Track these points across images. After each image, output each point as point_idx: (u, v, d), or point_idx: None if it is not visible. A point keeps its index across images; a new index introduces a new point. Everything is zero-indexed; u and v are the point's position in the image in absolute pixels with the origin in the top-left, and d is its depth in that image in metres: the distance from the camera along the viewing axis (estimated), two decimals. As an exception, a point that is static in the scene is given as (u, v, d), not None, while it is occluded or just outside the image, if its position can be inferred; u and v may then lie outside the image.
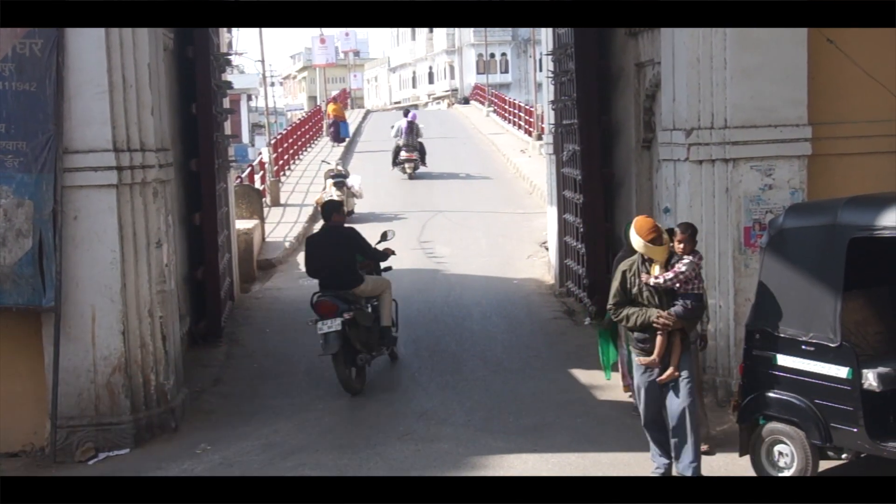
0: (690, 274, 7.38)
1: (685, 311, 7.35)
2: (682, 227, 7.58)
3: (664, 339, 7.35)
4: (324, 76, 69.62)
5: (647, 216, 7.64)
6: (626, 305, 7.47)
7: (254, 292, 15.67)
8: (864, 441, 6.76)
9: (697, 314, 7.60)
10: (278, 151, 28.06)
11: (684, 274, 7.36)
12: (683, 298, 7.38)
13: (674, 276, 7.34)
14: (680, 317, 7.35)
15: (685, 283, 7.38)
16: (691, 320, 7.53)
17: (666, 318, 7.31)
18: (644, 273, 7.42)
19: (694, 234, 7.59)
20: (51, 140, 8.64)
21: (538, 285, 15.47)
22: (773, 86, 9.09)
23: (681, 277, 7.36)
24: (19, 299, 8.72)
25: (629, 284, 7.46)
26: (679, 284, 7.37)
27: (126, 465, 8.58)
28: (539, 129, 29.14)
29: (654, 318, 7.31)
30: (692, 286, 7.43)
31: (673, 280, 7.34)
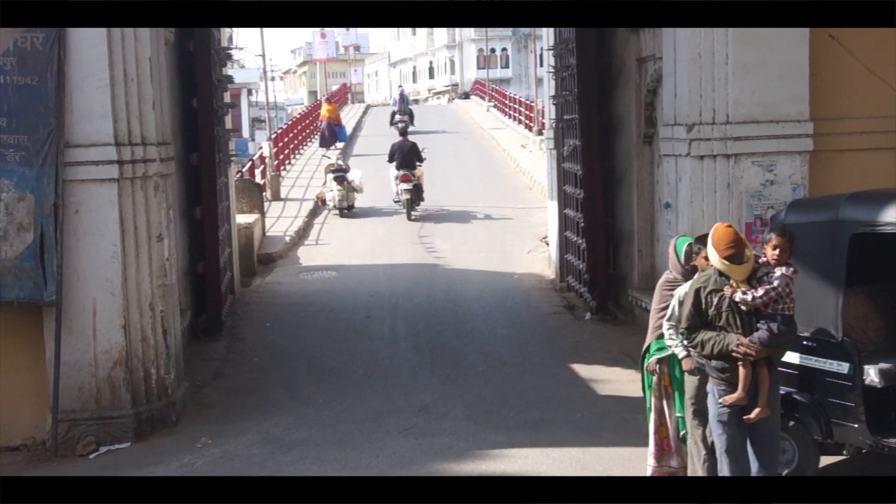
0: (784, 291, 6.18)
1: (771, 336, 6.18)
2: (778, 231, 6.37)
3: (748, 370, 6.20)
4: (324, 71, 69.69)
5: (728, 225, 6.36)
6: (700, 329, 6.32)
7: (254, 286, 15.68)
8: (866, 437, 6.76)
9: (788, 339, 6.40)
10: (279, 146, 28.06)
11: (776, 290, 6.16)
12: (769, 321, 6.20)
13: (764, 293, 6.15)
14: (765, 344, 6.18)
15: (775, 301, 6.20)
16: (780, 348, 6.39)
17: (748, 346, 6.15)
18: (728, 287, 6.24)
19: (792, 241, 6.31)
20: (52, 134, 8.64)
21: (538, 280, 15.48)
22: (775, 81, 9.09)
23: (772, 295, 6.17)
24: (20, 293, 8.72)
25: (705, 305, 6.29)
26: (769, 303, 6.21)
27: (127, 459, 8.59)
28: (539, 125, 29.13)
29: (734, 346, 6.17)
30: (783, 306, 6.22)
31: (764, 298, 6.15)
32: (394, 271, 16.36)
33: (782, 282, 6.16)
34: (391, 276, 15.92)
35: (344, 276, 16.22)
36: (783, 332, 6.22)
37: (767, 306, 6.19)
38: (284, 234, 19.46)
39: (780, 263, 6.22)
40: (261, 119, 52.41)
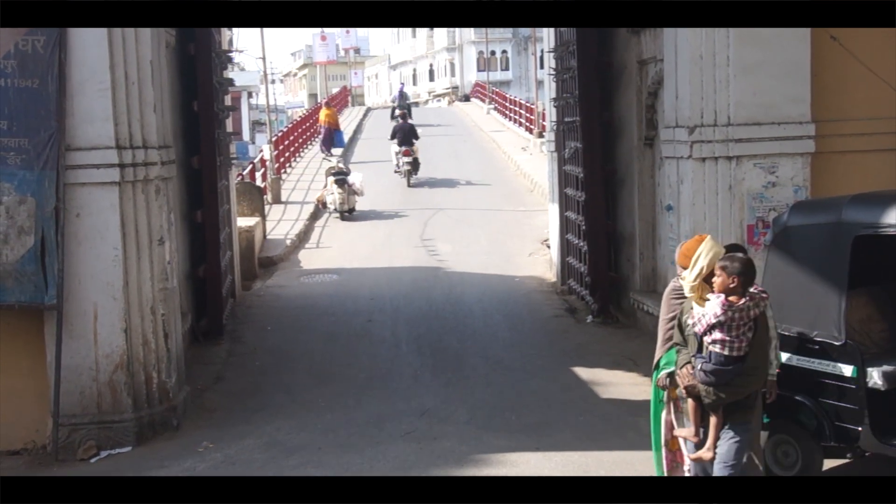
0: (711, 321, 5.68)
1: (699, 374, 5.77)
2: (723, 257, 5.83)
3: (692, 405, 5.88)
4: (324, 73, 69.71)
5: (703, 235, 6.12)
6: (685, 347, 6.02)
7: (255, 290, 15.67)
8: (869, 440, 6.74)
9: (726, 381, 5.72)
10: (279, 149, 28.05)
11: (705, 320, 5.71)
12: (708, 357, 5.76)
13: (697, 319, 5.80)
14: (702, 381, 5.77)
15: (708, 331, 5.73)
16: (718, 388, 5.74)
17: (683, 378, 5.89)
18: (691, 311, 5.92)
19: (728, 267, 5.72)
20: (53, 137, 8.62)
21: (540, 283, 15.46)
22: (776, 83, 9.08)
23: (703, 322, 5.73)
24: (21, 297, 8.70)
25: (683, 322, 6.02)
26: (699, 332, 5.79)
27: (128, 463, 8.56)
28: (540, 127, 29.13)
29: (677, 373, 5.94)
30: (718, 340, 5.68)
31: (698, 326, 5.78)
32: (395, 274, 16.34)
33: (709, 310, 5.66)
34: (392, 280, 15.91)
35: (345, 280, 16.21)
36: (714, 374, 5.70)
37: (704, 335, 5.76)
38: (285, 237, 19.44)
39: (720, 289, 5.69)
40: (261, 122, 52.41)
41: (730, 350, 5.67)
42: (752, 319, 5.70)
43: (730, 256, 5.81)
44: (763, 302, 5.83)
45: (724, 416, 5.75)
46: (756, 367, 5.78)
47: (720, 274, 5.68)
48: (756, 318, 5.73)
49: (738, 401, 5.76)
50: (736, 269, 5.69)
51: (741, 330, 5.68)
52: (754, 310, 5.71)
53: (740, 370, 5.70)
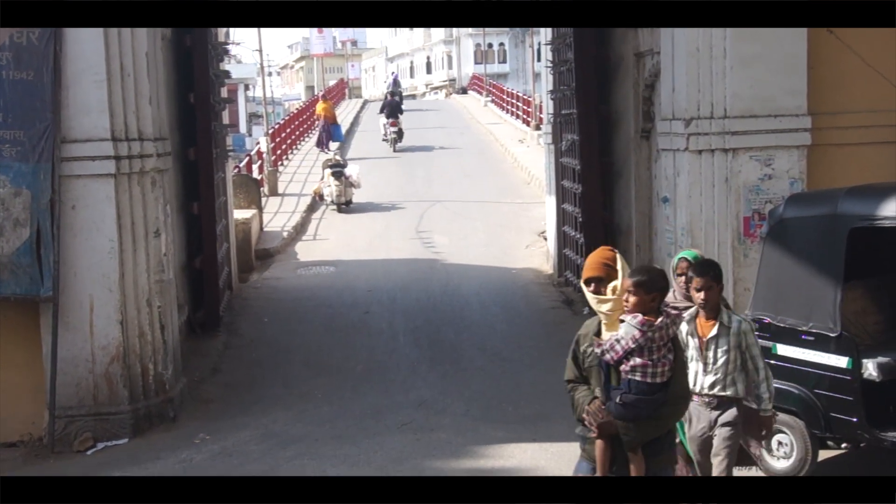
0: (629, 345, 4.82)
1: (617, 408, 4.84)
2: (634, 272, 4.98)
3: (602, 446, 4.91)
4: (321, 66, 69.59)
5: (607, 248, 5.22)
6: (580, 384, 5.05)
7: (252, 282, 15.67)
8: (864, 431, 6.76)
9: (650, 412, 4.84)
10: (276, 141, 28.02)
11: (620, 345, 4.84)
12: (622, 387, 4.88)
13: (609, 346, 4.88)
14: (617, 417, 4.85)
15: (625, 358, 4.85)
16: (640, 422, 4.85)
17: (592, 416, 4.90)
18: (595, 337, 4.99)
19: (646, 283, 4.86)
20: (48, 129, 8.61)
21: (536, 275, 15.47)
22: (773, 75, 9.07)
23: (617, 349, 4.85)
24: (17, 289, 8.71)
25: (581, 354, 5.04)
26: (613, 360, 4.89)
27: (124, 455, 8.58)
28: (537, 119, 29.11)
29: (584, 414, 4.95)
30: (649, 365, 4.84)
31: (610, 354, 4.88)
32: (392, 266, 16.35)
33: (629, 333, 4.83)
34: (389, 272, 15.91)
35: (342, 272, 16.21)
36: (637, 406, 4.84)
37: (620, 364, 4.89)
38: (282, 229, 19.44)
39: (636, 308, 4.86)
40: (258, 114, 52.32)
41: (652, 377, 4.86)
42: (671, 339, 4.94)
43: (643, 269, 5.10)
44: (679, 318, 5.14)
45: (645, 457, 4.89)
46: (683, 394, 5.03)
47: (635, 291, 4.86)
48: (674, 337, 4.99)
49: (658, 437, 4.94)
50: (657, 284, 4.93)
51: (662, 352, 4.89)
52: (672, 328, 4.96)
53: (665, 398, 4.89)
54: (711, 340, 5.93)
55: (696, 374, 5.92)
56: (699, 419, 6.00)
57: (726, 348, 5.90)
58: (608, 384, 4.96)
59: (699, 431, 6.01)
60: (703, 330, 5.96)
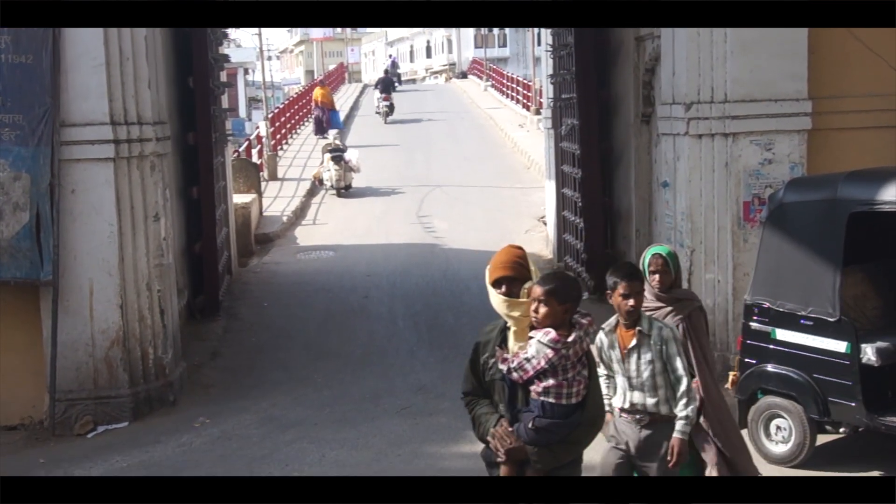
0: (541, 365, 4.34)
1: (529, 432, 4.37)
2: (544, 278, 4.49)
3: (511, 472, 4.45)
4: (321, 50, 69.42)
5: (514, 245, 4.90)
6: (480, 397, 4.57)
7: (251, 266, 15.67)
8: (862, 415, 6.78)
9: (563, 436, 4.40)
10: (275, 125, 27.98)
11: (531, 365, 4.36)
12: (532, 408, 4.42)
13: (517, 364, 4.40)
14: (526, 441, 4.38)
15: (536, 378, 4.38)
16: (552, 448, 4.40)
17: (499, 439, 4.41)
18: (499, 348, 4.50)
19: (559, 291, 4.39)
20: (48, 113, 8.60)
21: (536, 260, 15.45)
22: (774, 60, 9.04)
23: (527, 368, 4.37)
24: (17, 273, 8.71)
25: (481, 364, 4.54)
26: (522, 379, 4.40)
27: (124, 438, 8.60)
28: (537, 104, 29.06)
29: (490, 437, 4.46)
30: (563, 385, 4.38)
31: (518, 372, 4.39)
32: (391, 251, 16.35)
33: (539, 351, 4.34)
34: (389, 256, 15.91)
35: (341, 256, 16.21)
36: (546, 431, 4.36)
37: (530, 383, 4.39)
38: (282, 214, 19.44)
39: (545, 322, 4.37)
40: (257, 98, 52.21)
41: (567, 398, 4.38)
42: (584, 353, 4.46)
43: (555, 276, 4.52)
44: (591, 327, 4.56)
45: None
46: (599, 413, 4.56)
47: (546, 300, 4.36)
48: (587, 351, 4.50)
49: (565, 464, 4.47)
50: (571, 293, 4.43)
51: (576, 370, 4.41)
52: (586, 340, 4.47)
53: (579, 420, 4.41)
54: (632, 351, 5.27)
55: (622, 390, 5.34)
56: (626, 436, 5.35)
57: (649, 359, 5.23)
58: (514, 404, 4.44)
59: (622, 452, 5.36)
60: (623, 341, 5.33)
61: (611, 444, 5.41)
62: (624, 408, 5.34)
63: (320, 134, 29.93)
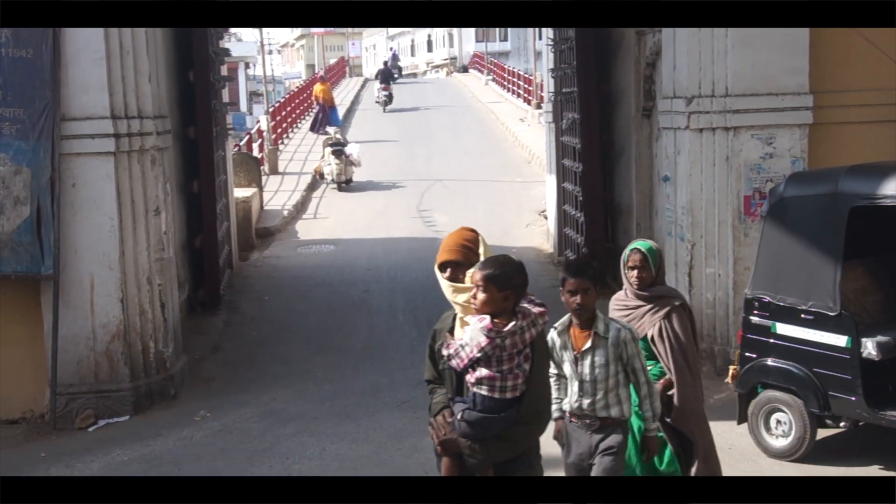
0: (473, 353, 4.16)
1: (461, 425, 4.21)
2: (485, 263, 4.29)
3: (450, 465, 4.28)
4: (322, 44, 69.30)
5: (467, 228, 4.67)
6: (439, 385, 4.44)
7: (252, 260, 15.68)
8: (863, 410, 6.78)
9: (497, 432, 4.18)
10: (276, 120, 27.95)
11: (465, 352, 4.19)
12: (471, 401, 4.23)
13: (454, 351, 4.24)
14: (461, 434, 4.22)
15: (470, 367, 4.21)
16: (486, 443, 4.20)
17: (435, 431, 4.30)
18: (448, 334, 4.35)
19: (499, 277, 4.19)
20: (48, 107, 8.59)
21: (537, 254, 15.47)
22: (775, 54, 9.03)
23: (462, 356, 4.19)
24: (18, 267, 8.71)
25: (436, 352, 4.41)
26: (459, 367, 4.23)
27: (125, 432, 8.61)
28: (538, 98, 29.02)
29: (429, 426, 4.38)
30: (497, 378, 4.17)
31: (455, 360, 4.23)
32: (392, 245, 16.35)
33: (471, 340, 4.15)
34: (389, 250, 15.92)
35: (342, 250, 16.22)
36: (480, 424, 4.16)
37: (466, 373, 4.22)
38: (282, 208, 19.43)
39: (484, 309, 4.17)
40: (258, 93, 52.16)
41: (501, 392, 4.16)
42: (527, 346, 4.21)
43: (497, 261, 4.27)
44: (541, 318, 4.30)
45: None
46: (537, 410, 4.28)
47: (485, 286, 4.15)
48: (533, 341, 4.23)
49: (513, 459, 4.25)
50: (511, 279, 4.22)
51: (514, 362, 4.18)
52: (530, 331, 4.22)
53: (515, 417, 4.18)
54: (586, 353, 4.99)
55: (572, 393, 5.07)
56: (578, 443, 5.09)
57: (603, 361, 4.96)
58: (460, 393, 4.28)
59: (576, 458, 5.09)
60: (577, 341, 5.05)
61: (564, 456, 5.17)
62: (574, 412, 5.08)
63: (318, 131, 29.38)
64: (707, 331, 9.39)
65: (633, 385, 5.07)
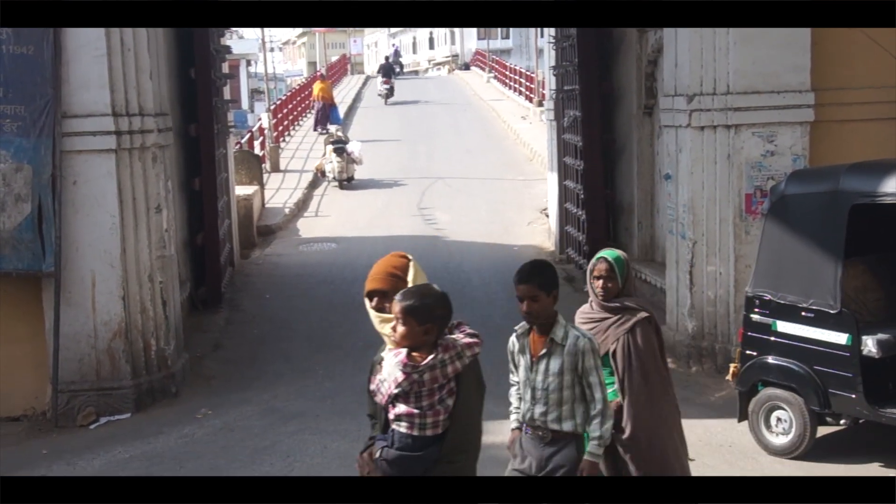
0: (391, 388, 4.05)
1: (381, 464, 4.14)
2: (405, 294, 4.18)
3: None
4: (323, 42, 69.31)
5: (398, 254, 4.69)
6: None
7: (253, 258, 15.68)
8: (863, 407, 6.78)
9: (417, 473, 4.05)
10: (278, 117, 27.94)
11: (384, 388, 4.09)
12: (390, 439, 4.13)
13: (376, 386, 4.16)
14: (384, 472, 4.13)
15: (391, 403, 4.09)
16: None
17: (359, 468, 4.27)
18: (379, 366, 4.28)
19: (418, 310, 4.04)
20: (49, 104, 8.59)
21: (538, 252, 15.45)
22: (776, 51, 9.03)
23: (382, 391, 4.09)
24: (19, 264, 8.71)
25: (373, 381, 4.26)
26: (382, 403, 4.13)
27: (127, 429, 8.61)
28: (540, 96, 29.01)
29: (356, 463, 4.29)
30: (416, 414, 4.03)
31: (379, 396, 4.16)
32: (393, 243, 16.32)
33: (388, 375, 4.02)
34: (391, 248, 15.65)
35: (344, 248, 16.22)
36: (398, 463, 4.03)
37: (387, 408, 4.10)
38: (284, 205, 19.43)
39: (403, 342, 4.03)
40: (260, 90, 52.18)
41: (420, 429, 3.97)
42: (450, 379, 4.01)
43: (418, 292, 4.10)
44: (469, 350, 4.11)
45: None
46: (460, 449, 4.06)
47: (404, 319, 3.98)
48: (458, 374, 4.05)
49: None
50: (433, 311, 4.02)
51: (436, 397, 3.99)
52: (453, 364, 4.03)
53: (437, 455, 3.98)
54: (541, 359, 4.77)
55: (526, 401, 4.87)
56: (529, 454, 4.81)
57: (558, 370, 4.69)
58: (383, 430, 4.12)
59: (525, 467, 4.81)
60: (534, 346, 4.84)
61: (511, 464, 4.88)
62: (528, 422, 4.83)
63: (319, 129, 29.08)
64: (708, 328, 9.39)
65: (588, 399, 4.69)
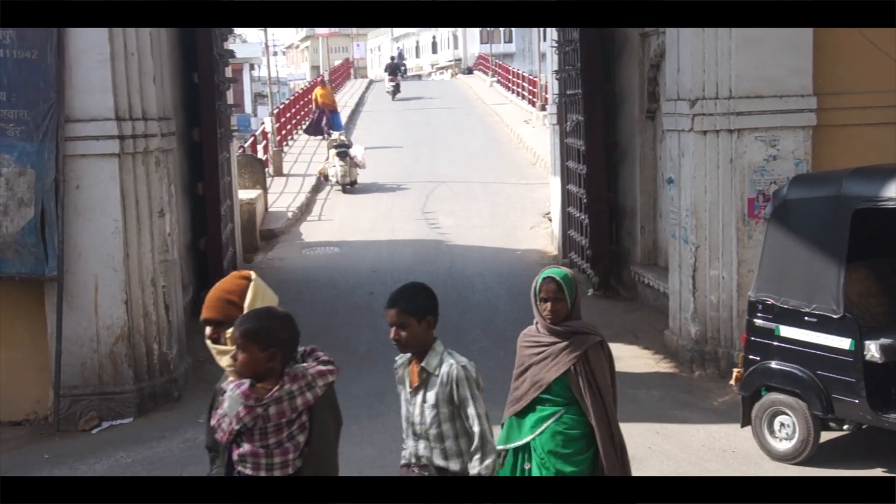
0: (232, 425, 3.64)
1: None
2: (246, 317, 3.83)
3: None
4: (327, 46, 69.41)
5: (238, 274, 4.30)
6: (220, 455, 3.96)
7: (257, 262, 15.68)
8: (866, 412, 6.77)
9: None
10: (281, 121, 27.96)
11: (226, 424, 3.67)
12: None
13: (217, 422, 3.73)
14: None
15: (235, 440, 3.68)
16: None
17: None
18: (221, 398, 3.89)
19: (259, 334, 3.65)
20: (52, 108, 8.60)
21: (541, 256, 15.46)
22: (779, 56, 9.03)
23: (224, 428, 3.66)
24: (22, 268, 8.72)
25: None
26: (224, 441, 3.69)
27: (129, 434, 8.61)
28: (542, 100, 29.00)
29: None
30: (261, 454, 3.64)
31: (214, 430, 3.76)
32: (396, 247, 16.35)
33: (230, 409, 3.62)
34: (394, 252, 15.91)
35: (346, 252, 16.22)
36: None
37: (230, 445, 3.71)
38: (287, 209, 19.44)
39: (240, 372, 3.67)
40: (263, 94, 52.21)
41: (267, 470, 3.60)
42: (300, 413, 3.60)
43: (256, 315, 3.72)
44: (321, 379, 3.67)
45: None
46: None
47: (244, 345, 3.61)
48: (311, 407, 3.63)
49: None
50: (276, 336, 3.63)
51: (284, 434, 3.59)
52: (303, 396, 3.60)
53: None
54: (417, 391, 4.35)
55: (407, 436, 4.47)
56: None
57: (433, 402, 4.28)
58: (229, 469, 3.69)
59: None
60: (413, 377, 4.40)
61: None
62: (411, 462, 4.42)
63: (321, 135, 28.41)
64: (711, 333, 9.38)
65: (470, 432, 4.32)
